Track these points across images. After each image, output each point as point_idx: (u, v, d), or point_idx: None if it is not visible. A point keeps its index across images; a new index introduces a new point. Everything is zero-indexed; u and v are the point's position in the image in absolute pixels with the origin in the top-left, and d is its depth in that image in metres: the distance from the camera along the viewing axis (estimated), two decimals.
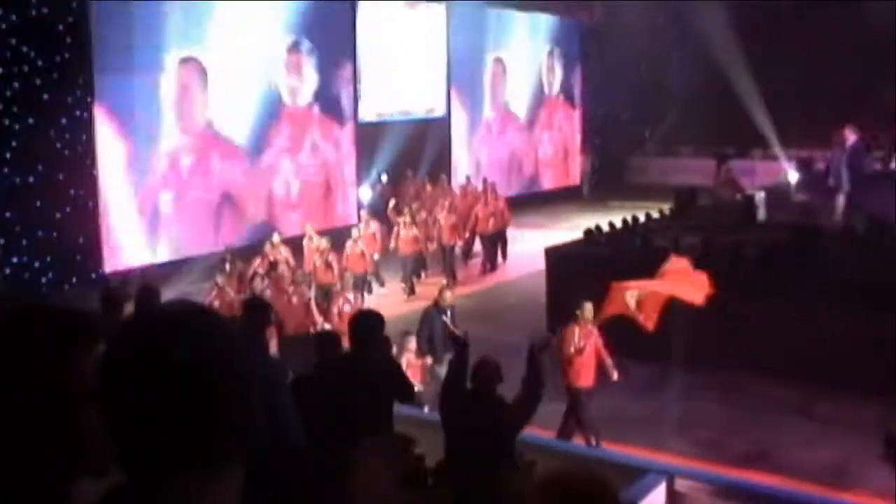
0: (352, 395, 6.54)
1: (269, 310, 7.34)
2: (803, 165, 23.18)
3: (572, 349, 10.59)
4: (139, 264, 17.99)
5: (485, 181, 23.09)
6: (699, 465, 9.53)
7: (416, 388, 10.64)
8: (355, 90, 23.41)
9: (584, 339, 10.70)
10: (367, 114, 23.93)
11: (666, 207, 19.01)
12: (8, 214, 15.95)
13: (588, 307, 10.87)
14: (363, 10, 23.53)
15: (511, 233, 21.64)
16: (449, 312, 11.95)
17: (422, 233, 19.03)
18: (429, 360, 11.70)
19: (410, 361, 11.11)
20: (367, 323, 7.15)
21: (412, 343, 11.36)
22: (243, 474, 1.42)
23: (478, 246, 21.36)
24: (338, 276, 15.34)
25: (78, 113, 16.98)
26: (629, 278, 12.76)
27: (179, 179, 19.30)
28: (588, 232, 16.38)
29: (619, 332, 12.48)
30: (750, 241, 14.97)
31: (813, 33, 27.74)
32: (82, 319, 1.65)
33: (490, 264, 20.74)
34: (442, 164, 25.77)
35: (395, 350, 10.46)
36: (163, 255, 18.79)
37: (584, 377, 10.68)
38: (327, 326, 12.64)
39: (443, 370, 10.81)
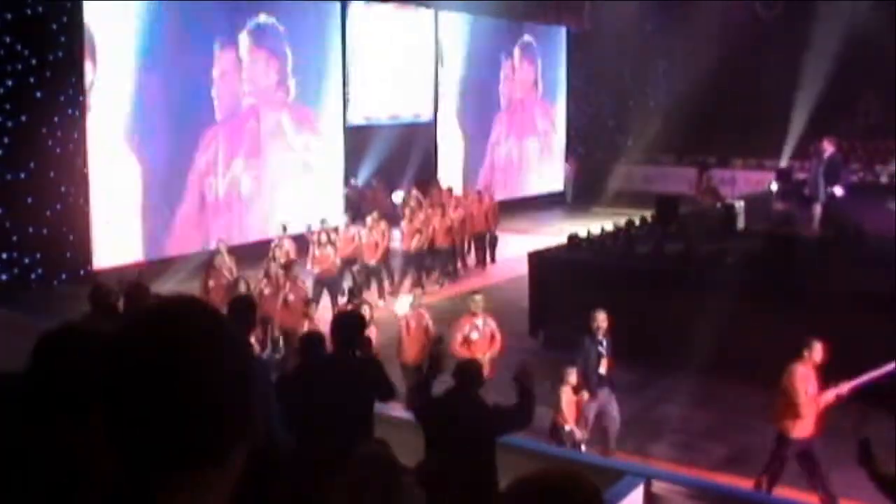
0: (334, 395, 6.59)
1: (254, 310, 7.26)
2: (783, 175, 23.40)
3: (803, 395, 9.03)
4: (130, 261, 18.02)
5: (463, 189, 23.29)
6: (676, 469, 9.67)
7: (567, 429, 9.82)
8: (344, 93, 23.50)
9: (810, 383, 9.06)
10: (355, 117, 24.03)
11: (648, 214, 19.18)
12: None
13: (817, 346, 9.14)
14: (352, 14, 23.64)
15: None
16: (605, 342, 10.36)
17: (340, 250, 16.94)
18: (585, 395, 10.21)
19: (569, 397, 9.99)
20: (349, 323, 7.23)
21: (572, 376, 10.05)
22: (239, 474, 1.41)
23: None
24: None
25: (70, 111, 17.06)
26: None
27: (171, 178, 19.40)
28: (571, 238, 16.52)
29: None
30: (729, 248, 15.18)
31: (795, 44, 27.95)
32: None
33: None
34: (428, 168, 25.86)
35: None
36: (153, 252, 18.82)
37: (804, 426, 9.18)
38: None
39: (593, 406, 10.23)
